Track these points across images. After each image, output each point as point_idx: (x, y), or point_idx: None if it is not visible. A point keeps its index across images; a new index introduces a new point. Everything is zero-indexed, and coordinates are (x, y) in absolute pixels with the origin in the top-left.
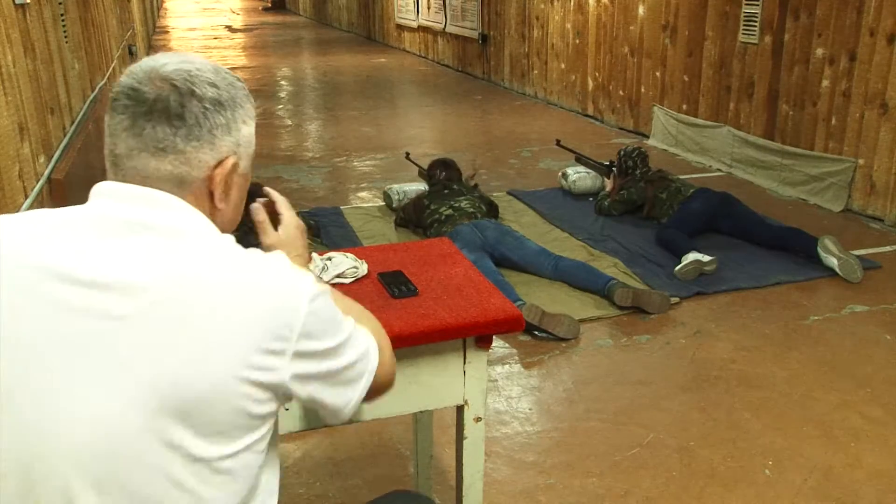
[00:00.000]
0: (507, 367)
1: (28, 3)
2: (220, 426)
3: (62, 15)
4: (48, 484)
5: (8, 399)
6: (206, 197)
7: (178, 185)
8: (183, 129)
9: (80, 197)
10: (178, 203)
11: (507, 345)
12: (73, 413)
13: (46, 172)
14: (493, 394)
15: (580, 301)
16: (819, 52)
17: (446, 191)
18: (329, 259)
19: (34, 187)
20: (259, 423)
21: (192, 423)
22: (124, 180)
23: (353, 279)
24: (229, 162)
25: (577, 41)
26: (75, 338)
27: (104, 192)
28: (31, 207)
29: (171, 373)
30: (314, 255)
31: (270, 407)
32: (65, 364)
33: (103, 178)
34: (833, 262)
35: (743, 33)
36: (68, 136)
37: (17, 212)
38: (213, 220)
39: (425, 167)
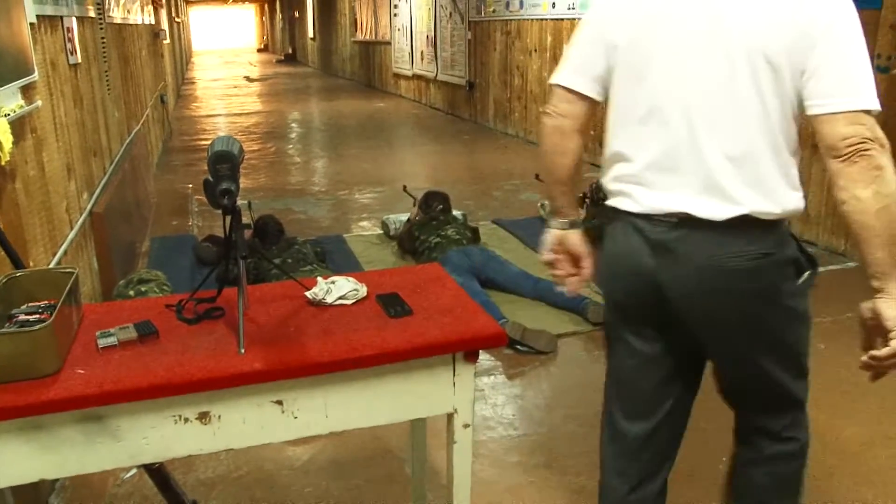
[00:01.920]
0: (492, 377)
1: (79, 63)
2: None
3: (106, 72)
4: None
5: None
6: None
7: None
8: None
9: (117, 227)
10: None
11: (492, 358)
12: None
13: (88, 207)
14: (480, 402)
15: (558, 318)
16: None
17: (434, 221)
18: (332, 283)
19: (78, 220)
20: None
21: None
22: None
23: (354, 300)
24: None
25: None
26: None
27: None
28: (75, 238)
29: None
30: (319, 278)
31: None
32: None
33: (137, 211)
34: None
35: None
36: (107, 174)
37: (64, 243)
38: None
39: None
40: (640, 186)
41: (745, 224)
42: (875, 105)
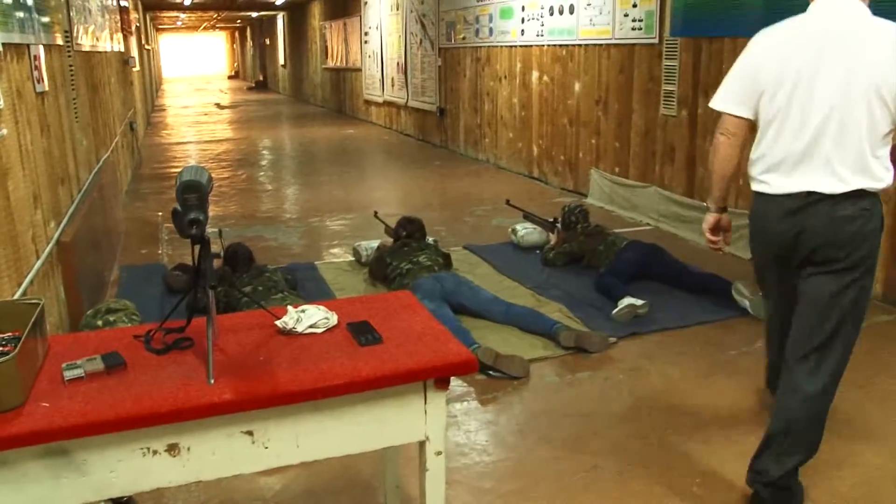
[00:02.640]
0: (465, 403)
1: (46, 91)
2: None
3: (74, 99)
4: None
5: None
6: None
7: None
8: None
9: (85, 257)
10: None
11: (465, 384)
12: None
13: (55, 236)
14: (452, 428)
15: (529, 343)
16: None
17: (405, 248)
18: (303, 311)
19: (45, 249)
20: None
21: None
22: None
23: (324, 329)
24: None
25: (523, 113)
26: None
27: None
28: (41, 268)
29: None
30: (289, 307)
31: None
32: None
33: (106, 239)
34: (745, 303)
35: (663, 107)
36: (75, 202)
37: (30, 272)
38: None
39: (391, 225)
40: (777, 175)
41: (853, 194)
42: None
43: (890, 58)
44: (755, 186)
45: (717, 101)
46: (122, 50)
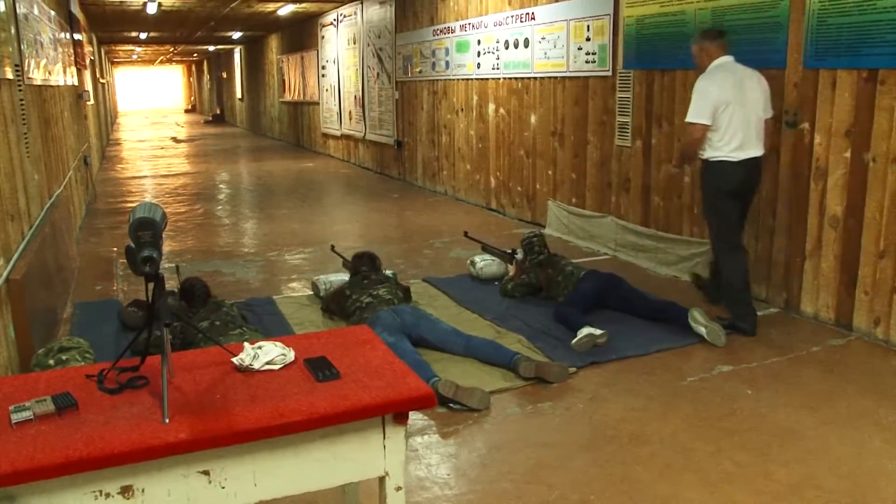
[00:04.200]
0: (426, 437)
1: None
2: None
3: (25, 134)
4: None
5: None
6: None
7: None
8: None
9: (36, 294)
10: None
11: (425, 417)
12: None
13: (5, 273)
14: (414, 462)
15: (489, 375)
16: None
17: (365, 281)
18: (259, 347)
19: None
20: None
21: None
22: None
23: (281, 365)
24: None
25: (480, 146)
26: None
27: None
28: None
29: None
30: (245, 343)
31: None
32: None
33: (59, 276)
34: (702, 330)
35: (618, 138)
36: (26, 239)
37: None
38: None
39: (349, 259)
40: (737, 150)
41: (762, 156)
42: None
43: (762, 84)
44: (722, 157)
45: (693, 117)
46: (76, 83)
